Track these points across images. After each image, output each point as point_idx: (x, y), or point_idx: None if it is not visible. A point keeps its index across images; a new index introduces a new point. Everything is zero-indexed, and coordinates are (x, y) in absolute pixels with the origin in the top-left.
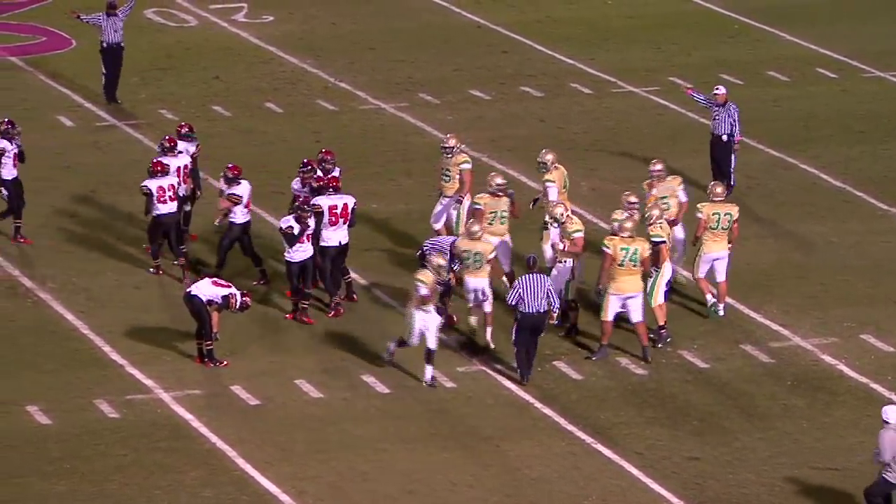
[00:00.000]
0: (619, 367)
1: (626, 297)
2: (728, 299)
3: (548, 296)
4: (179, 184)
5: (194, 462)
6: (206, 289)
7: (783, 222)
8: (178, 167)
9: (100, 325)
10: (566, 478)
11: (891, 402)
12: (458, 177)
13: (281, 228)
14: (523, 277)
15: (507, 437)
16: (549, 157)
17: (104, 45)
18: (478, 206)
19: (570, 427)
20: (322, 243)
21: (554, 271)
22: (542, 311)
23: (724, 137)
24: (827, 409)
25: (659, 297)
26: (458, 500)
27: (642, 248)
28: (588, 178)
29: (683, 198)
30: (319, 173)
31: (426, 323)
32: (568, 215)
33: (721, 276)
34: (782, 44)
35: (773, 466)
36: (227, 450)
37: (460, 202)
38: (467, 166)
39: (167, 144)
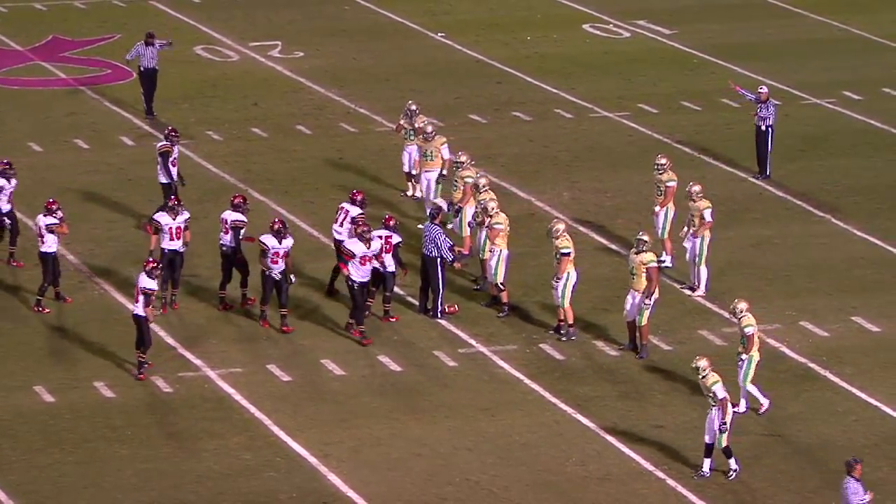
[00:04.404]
0: (595, 349)
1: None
2: (686, 292)
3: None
4: None
5: (236, 429)
6: (140, 308)
7: (735, 227)
8: None
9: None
10: (551, 443)
11: (825, 380)
12: (462, 186)
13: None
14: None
15: (500, 408)
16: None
17: (141, 69)
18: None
19: (554, 400)
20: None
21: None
22: None
23: (764, 128)
24: (771, 385)
25: (566, 301)
26: (459, 461)
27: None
28: (569, 189)
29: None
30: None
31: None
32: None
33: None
34: (734, 76)
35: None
36: (264, 419)
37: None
38: (470, 180)
39: None
